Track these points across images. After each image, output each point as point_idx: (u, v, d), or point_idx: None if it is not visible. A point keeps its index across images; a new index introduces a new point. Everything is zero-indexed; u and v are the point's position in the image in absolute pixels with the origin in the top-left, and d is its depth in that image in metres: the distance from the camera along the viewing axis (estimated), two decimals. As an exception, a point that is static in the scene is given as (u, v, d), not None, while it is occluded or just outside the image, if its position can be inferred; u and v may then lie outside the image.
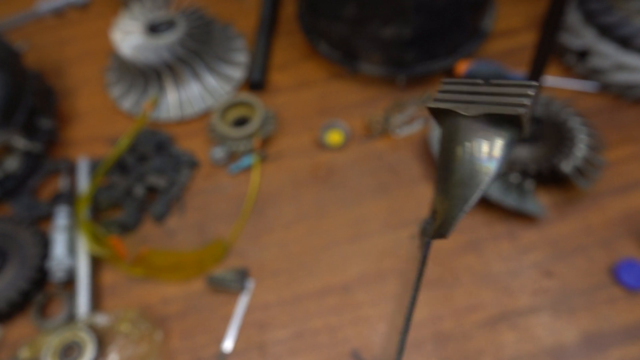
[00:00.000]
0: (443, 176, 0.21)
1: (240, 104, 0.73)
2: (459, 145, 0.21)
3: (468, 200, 0.20)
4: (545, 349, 0.53)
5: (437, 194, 0.22)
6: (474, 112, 0.21)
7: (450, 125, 0.21)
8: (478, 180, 0.20)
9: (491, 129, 0.21)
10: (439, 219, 0.20)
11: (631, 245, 0.58)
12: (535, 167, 0.61)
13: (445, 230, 0.20)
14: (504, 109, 0.20)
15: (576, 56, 0.73)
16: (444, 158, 0.22)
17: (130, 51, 0.73)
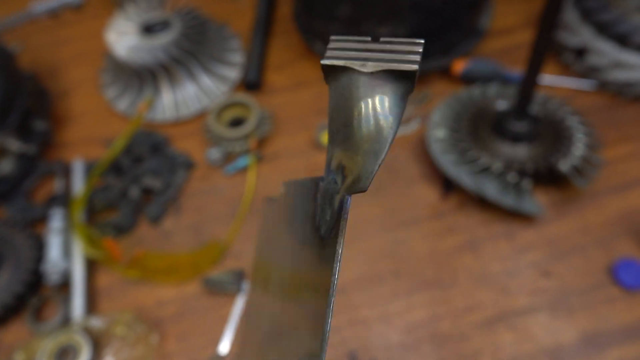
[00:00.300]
0: (344, 133, 0.22)
1: (236, 104, 0.72)
2: (359, 101, 0.21)
3: (381, 154, 0.21)
4: (544, 349, 0.53)
5: (341, 150, 0.22)
6: (371, 68, 0.21)
7: (345, 82, 0.22)
8: (386, 135, 0.21)
9: (387, 85, 0.22)
10: (351, 174, 0.21)
11: (629, 244, 0.58)
12: (532, 167, 0.60)
13: (365, 184, 0.20)
14: (400, 65, 0.21)
15: (573, 54, 0.73)
16: (341, 115, 0.22)
17: (125, 52, 0.73)
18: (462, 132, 0.64)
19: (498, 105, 0.67)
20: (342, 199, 0.21)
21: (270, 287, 0.27)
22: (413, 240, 0.61)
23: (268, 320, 0.26)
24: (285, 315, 0.24)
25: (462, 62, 0.73)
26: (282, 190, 0.29)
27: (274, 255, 0.28)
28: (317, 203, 0.23)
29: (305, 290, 0.23)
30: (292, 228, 0.27)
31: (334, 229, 0.21)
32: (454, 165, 0.62)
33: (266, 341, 0.25)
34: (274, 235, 0.29)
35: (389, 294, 0.57)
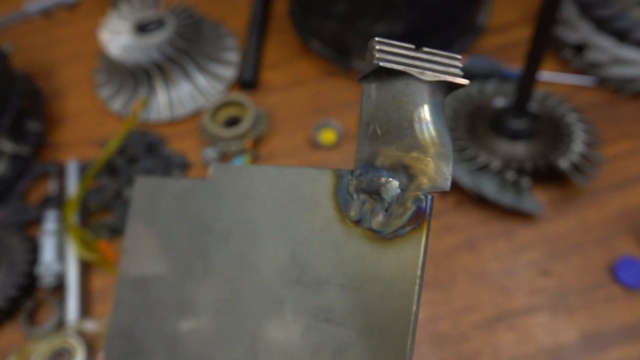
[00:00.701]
0: (398, 134, 0.23)
1: (232, 103, 0.71)
2: (419, 107, 0.23)
3: (450, 158, 0.22)
4: (544, 350, 0.52)
5: (396, 150, 0.23)
6: (429, 77, 0.22)
7: (401, 86, 0.23)
8: (449, 141, 0.23)
9: (438, 94, 0.23)
10: (424, 175, 0.22)
11: (630, 242, 0.57)
12: (531, 164, 0.60)
13: (446, 185, 0.22)
14: (455, 78, 0.23)
15: (573, 50, 0.72)
16: (390, 116, 0.23)
17: (119, 51, 0.72)
18: (460, 130, 0.63)
19: (496, 103, 0.66)
20: (421, 197, 0.22)
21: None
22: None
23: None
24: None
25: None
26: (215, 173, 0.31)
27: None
28: (345, 195, 0.24)
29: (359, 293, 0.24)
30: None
31: (408, 227, 0.22)
32: (452, 164, 0.61)
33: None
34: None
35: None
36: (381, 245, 0.23)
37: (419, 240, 0.22)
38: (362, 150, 0.24)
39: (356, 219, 0.24)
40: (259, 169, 0.28)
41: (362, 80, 0.24)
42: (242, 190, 0.29)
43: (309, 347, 0.24)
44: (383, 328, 0.22)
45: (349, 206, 0.24)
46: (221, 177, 0.30)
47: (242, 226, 0.28)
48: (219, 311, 0.29)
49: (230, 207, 0.29)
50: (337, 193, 0.25)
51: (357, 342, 0.23)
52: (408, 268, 0.22)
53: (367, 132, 0.24)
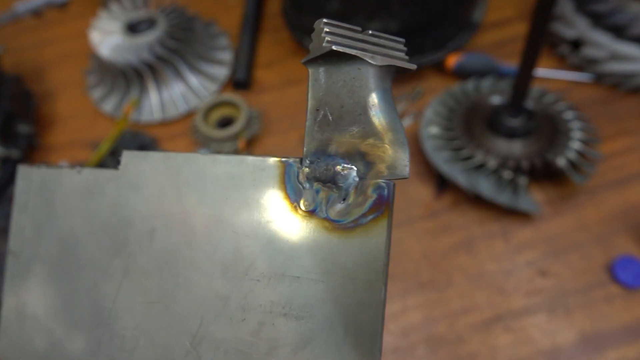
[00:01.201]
0: (352, 120, 0.22)
1: (224, 103, 0.70)
2: (372, 92, 0.22)
3: (407, 144, 0.22)
4: (541, 351, 0.51)
5: (350, 137, 0.22)
6: (379, 62, 0.22)
7: (352, 71, 0.22)
8: (402, 127, 0.22)
9: (387, 79, 0.23)
10: (382, 162, 0.22)
11: (628, 241, 0.57)
12: (528, 163, 0.59)
13: (406, 171, 0.22)
14: (404, 63, 0.22)
15: (569, 46, 0.71)
16: (342, 101, 0.22)
17: (110, 52, 0.71)
18: (456, 129, 0.63)
19: (492, 101, 0.65)
20: (382, 185, 0.22)
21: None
22: (407, 241, 0.59)
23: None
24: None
25: (456, 56, 0.71)
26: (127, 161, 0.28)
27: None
28: (295, 184, 0.24)
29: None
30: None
31: (370, 215, 0.22)
32: (448, 163, 0.61)
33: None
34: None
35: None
36: (340, 235, 0.22)
37: (383, 228, 0.22)
38: (312, 137, 0.23)
39: (310, 208, 0.23)
40: (185, 158, 0.26)
41: (309, 64, 0.23)
42: (166, 181, 0.26)
43: (264, 344, 0.23)
44: (349, 319, 0.22)
45: (299, 196, 0.23)
46: (137, 167, 0.27)
47: (170, 220, 0.26)
48: (148, 314, 0.26)
49: (153, 199, 0.27)
50: (285, 182, 0.24)
51: (320, 335, 0.22)
52: (373, 257, 0.21)
53: (316, 118, 0.23)
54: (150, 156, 0.27)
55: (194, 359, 0.25)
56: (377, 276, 0.21)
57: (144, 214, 0.27)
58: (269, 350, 0.23)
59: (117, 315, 0.27)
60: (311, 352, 0.22)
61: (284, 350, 0.23)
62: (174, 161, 0.27)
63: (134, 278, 0.27)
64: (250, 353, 0.23)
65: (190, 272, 0.25)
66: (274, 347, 0.23)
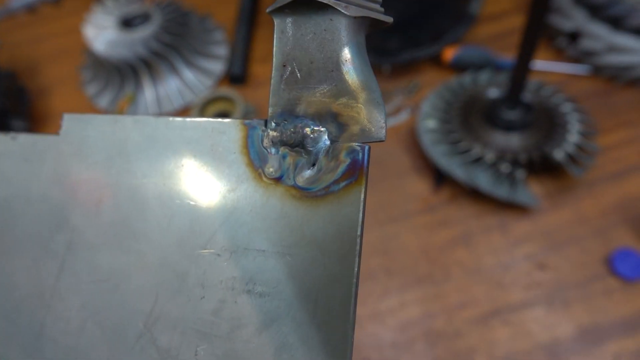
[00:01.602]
0: (323, 77, 0.21)
1: (220, 98, 0.70)
2: (345, 46, 0.20)
3: (383, 104, 0.20)
4: (540, 345, 0.51)
5: (322, 96, 0.21)
6: (354, 12, 0.20)
7: (323, 22, 0.20)
8: (377, 85, 0.20)
9: (361, 32, 0.21)
10: (357, 123, 0.20)
11: (627, 234, 0.56)
12: (526, 156, 0.58)
13: (382, 134, 0.20)
14: (379, 15, 0.21)
15: (567, 39, 0.71)
16: (312, 56, 0.21)
17: (104, 47, 0.71)
18: (453, 122, 0.62)
19: (490, 94, 0.65)
20: (357, 148, 0.20)
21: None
22: (404, 235, 0.59)
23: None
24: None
25: (453, 49, 0.71)
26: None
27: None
28: (259, 149, 0.22)
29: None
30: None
31: (342, 182, 0.20)
32: (445, 157, 0.60)
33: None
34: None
35: (381, 291, 0.56)
36: (310, 203, 0.21)
37: (357, 196, 0.20)
38: (278, 96, 0.21)
39: (276, 175, 0.21)
40: (134, 121, 0.24)
41: (275, 13, 0.21)
42: (114, 147, 0.24)
43: (226, 324, 0.21)
44: (319, 295, 0.20)
45: (265, 161, 0.21)
46: (81, 132, 0.25)
47: (119, 190, 0.24)
48: (96, 293, 0.24)
49: (99, 167, 0.24)
50: (248, 147, 0.22)
51: (287, 312, 0.21)
52: (346, 227, 0.20)
53: (282, 75, 0.21)
54: (95, 120, 0.25)
55: (148, 341, 0.22)
56: (351, 247, 0.20)
57: (89, 183, 0.25)
58: (231, 329, 0.21)
59: (60, 295, 0.24)
60: (277, 330, 0.21)
61: (248, 329, 0.21)
62: (122, 125, 0.24)
63: (79, 254, 0.24)
64: (210, 333, 0.22)
65: (143, 247, 0.23)
66: (237, 326, 0.21)
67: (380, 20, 0.21)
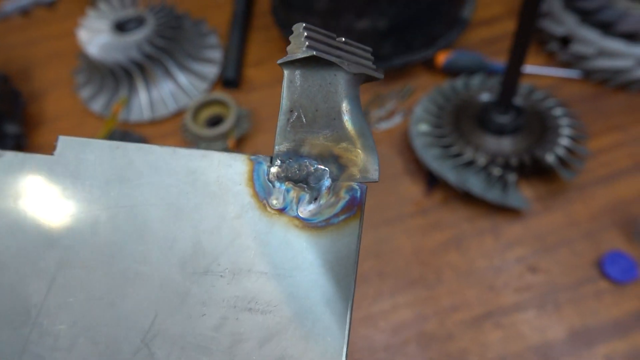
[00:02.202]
0: (325, 124, 0.23)
1: (214, 102, 0.70)
2: (345, 98, 0.23)
3: (376, 151, 0.23)
4: (532, 347, 0.51)
5: (324, 140, 0.23)
6: (353, 69, 0.23)
7: (329, 76, 0.23)
8: (368, 133, 0.24)
9: (357, 86, 0.24)
10: (355, 165, 0.23)
11: (617, 236, 0.57)
12: (517, 159, 0.59)
13: (376, 176, 0.23)
14: (373, 72, 0.24)
15: (558, 43, 0.72)
16: (317, 105, 0.23)
17: (98, 51, 0.71)
18: (446, 126, 0.63)
19: (482, 98, 0.65)
20: (355, 187, 0.23)
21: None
22: (397, 238, 0.59)
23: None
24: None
25: (445, 54, 0.71)
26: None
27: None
28: (264, 183, 0.24)
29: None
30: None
31: (342, 215, 0.23)
32: (437, 160, 0.61)
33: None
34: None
35: (374, 294, 0.56)
36: (312, 233, 0.23)
37: (354, 228, 0.22)
38: (285, 137, 0.24)
39: (280, 207, 0.23)
40: (138, 148, 0.24)
41: (286, 66, 0.23)
42: (114, 172, 0.24)
43: (227, 339, 0.22)
44: (317, 313, 0.22)
45: (270, 194, 0.24)
46: (77, 155, 0.25)
47: (118, 213, 0.24)
48: (90, 310, 0.24)
49: (96, 190, 0.24)
50: (254, 180, 0.24)
51: (287, 328, 0.22)
52: (344, 255, 0.22)
53: (289, 119, 0.24)
54: (93, 144, 0.25)
55: (146, 356, 0.23)
56: (348, 272, 0.22)
57: (85, 204, 0.24)
58: (232, 344, 0.22)
59: (49, 312, 0.24)
60: (277, 344, 0.22)
61: (249, 344, 0.22)
62: (124, 151, 0.24)
63: (71, 272, 0.24)
64: (210, 348, 0.22)
65: (142, 267, 0.23)
66: (238, 340, 0.22)
67: (372, 76, 0.24)
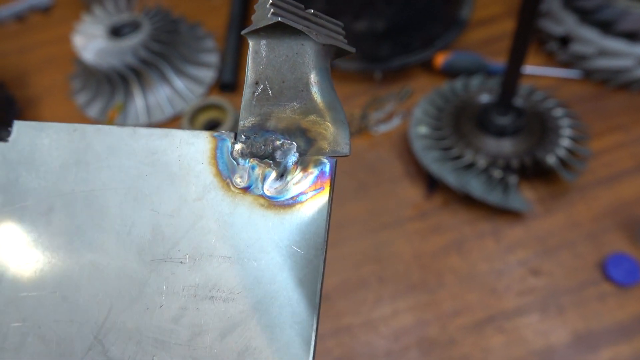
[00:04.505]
0: (293, 96, 0.22)
1: (211, 106, 0.69)
2: (313, 69, 0.22)
3: (347, 124, 0.22)
4: (535, 352, 0.51)
5: (292, 113, 0.22)
6: (323, 40, 0.22)
7: (296, 46, 0.22)
8: (338, 106, 0.23)
9: (327, 59, 0.23)
10: (324, 139, 0.22)
11: (620, 238, 0.56)
12: (518, 161, 0.58)
13: (347, 149, 0.22)
14: (344, 45, 0.23)
15: (558, 43, 0.71)
16: (284, 76, 0.22)
17: (93, 56, 0.70)
18: (445, 128, 0.62)
19: (481, 99, 0.65)
20: (324, 161, 0.22)
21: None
22: (397, 242, 0.59)
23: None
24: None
25: (444, 55, 0.71)
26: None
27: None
28: (227, 160, 0.23)
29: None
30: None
31: (310, 192, 0.22)
32: (437, 163, 0.60)
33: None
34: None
35: (374, 299, 0.55)
36: (278, 212, 0.22)
37: (323, 205, 0.21)
38: (249, 111, 0.23)
39: (244, 185, 0.22)
40: (96, 130, 0.23)
41: (251, 35, 0.22)
42: (71, 156, 0.23)
43: (186, 331, 0.21)
44: (284, 298, 0.21)
45: (234, 172, 0.22)
46: (32, 140, 0.24)
47: (74, 199, 0.23)
48: (41, 306, 0.23)
49: (51, 176, 0.23)
50: (217, 158, 0.23)
51: (251, 317, 0.21)
52: (312, 234, 0.21)
53: (255, 92, 0.22)
54: (50, 128, 0.24)
55: (99, 353, 0.22)
56: (317, 252, 0.21)
57: (39, 192, 0.23)
58: (192, 337, 0.21)
59: None
60: (240, 335, 0.21)
61: (209, 335, 0.21)
62: (81, 134, 0.23)
63: (21, 264, 0.23)
64: (169, 342, 0.21)
65: (97, 256, 0.22)
66: (198, 333, 0.21)
67: (344, 49, 0.23)
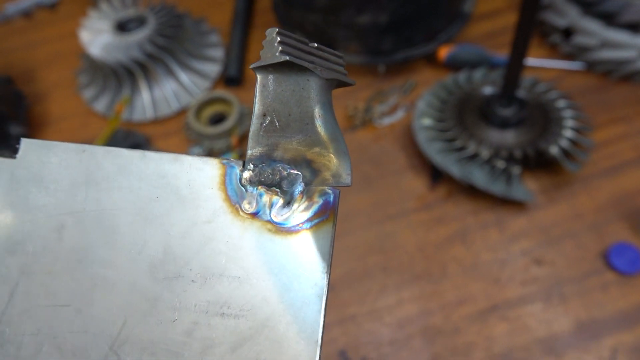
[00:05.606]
0: (298, 128, 0.24)
1: (216, 100, 0.70)
2: (318, 103, 0.24)
3: (348, 155, 0.24)
4: (538, 340, 0.51)
5: (297, 144, 0.24)
6: (326, 75, 0.23)
7: (302, 81, 0.23)
8: (340, 137, 0.24)
9: (330, 92, 0.24)
10: (327, 170, 0.23)
11: (623, 228, 0.57)
12: (521, 152, 0.59)
13: (349, 180, 0.23)
14: (345, 78, 0.24)
15: (561, 35, 0.71)
16: (290, 109, 0.24)
17: (100, 51, 0.71)
18: (449, 120, 0.63)
19: (485, 91, 0.65)
20: (328, 191, 0.23)
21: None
22: (401, 233, 0.59)
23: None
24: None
25: (447, 48, 0.71)
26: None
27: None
28: (236, 187, 0.24)
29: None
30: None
31: (315, 219, 0.23)
32: (441, 154, 0.60)
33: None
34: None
35: (378, 289, 0.56)
36: (285, 237, 0.23)
37: (328, 232, 0.23)
38: (257, 141, 0.24)
39: (253, 211, 0.23)
40: (106, 151, 0.24)
41: (259, 70, 0.23)
42: (80, 175, 0.24)
43: (198, 343, 0.22)
44: (290, 316, 0.22)
45: (242, 198, 0.23)
46: (41, 158, 0.24)
47: (85, 217, 0.24)
48: (55, 318, 0.23)
49: (61, 194, 0.24)
50: (226, 184, 0.24)
51: (260, 332, 0.22)
52: (317, 259, 0.23)
53: (262, 124, 0.24)
54: (58, 147, 0.24)
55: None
56: (321, 275, 0.23)
57: (49, 209, 0.24)
58: (204, 349, 0.22)
59: (11, 320, 0.23)
60: (250, 348, 0.22)
61: (221, 348, 0.22)
62: (90, 154, 0.24)
63: (35, 279, 0.24)
64: (182, 353, 0.22)
65: (110, 273, 0.23)
66: (210, 345, 0.22)
67: (345, 82, 0.25)
